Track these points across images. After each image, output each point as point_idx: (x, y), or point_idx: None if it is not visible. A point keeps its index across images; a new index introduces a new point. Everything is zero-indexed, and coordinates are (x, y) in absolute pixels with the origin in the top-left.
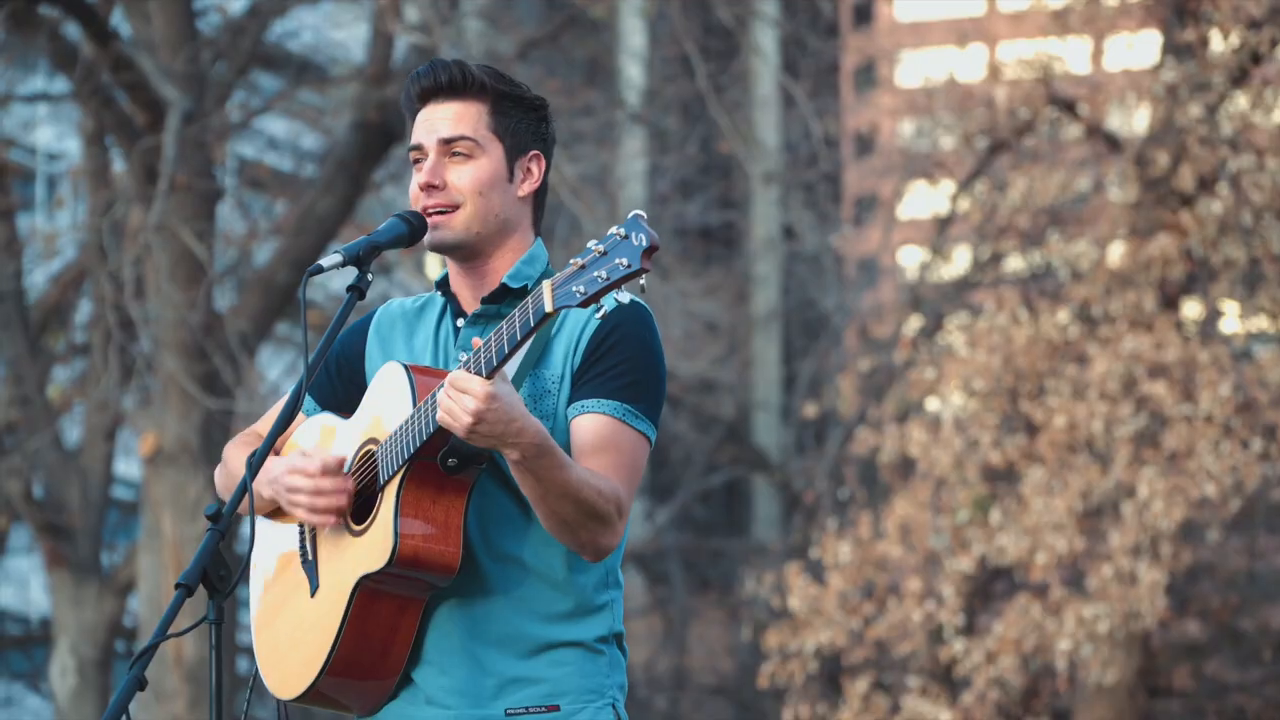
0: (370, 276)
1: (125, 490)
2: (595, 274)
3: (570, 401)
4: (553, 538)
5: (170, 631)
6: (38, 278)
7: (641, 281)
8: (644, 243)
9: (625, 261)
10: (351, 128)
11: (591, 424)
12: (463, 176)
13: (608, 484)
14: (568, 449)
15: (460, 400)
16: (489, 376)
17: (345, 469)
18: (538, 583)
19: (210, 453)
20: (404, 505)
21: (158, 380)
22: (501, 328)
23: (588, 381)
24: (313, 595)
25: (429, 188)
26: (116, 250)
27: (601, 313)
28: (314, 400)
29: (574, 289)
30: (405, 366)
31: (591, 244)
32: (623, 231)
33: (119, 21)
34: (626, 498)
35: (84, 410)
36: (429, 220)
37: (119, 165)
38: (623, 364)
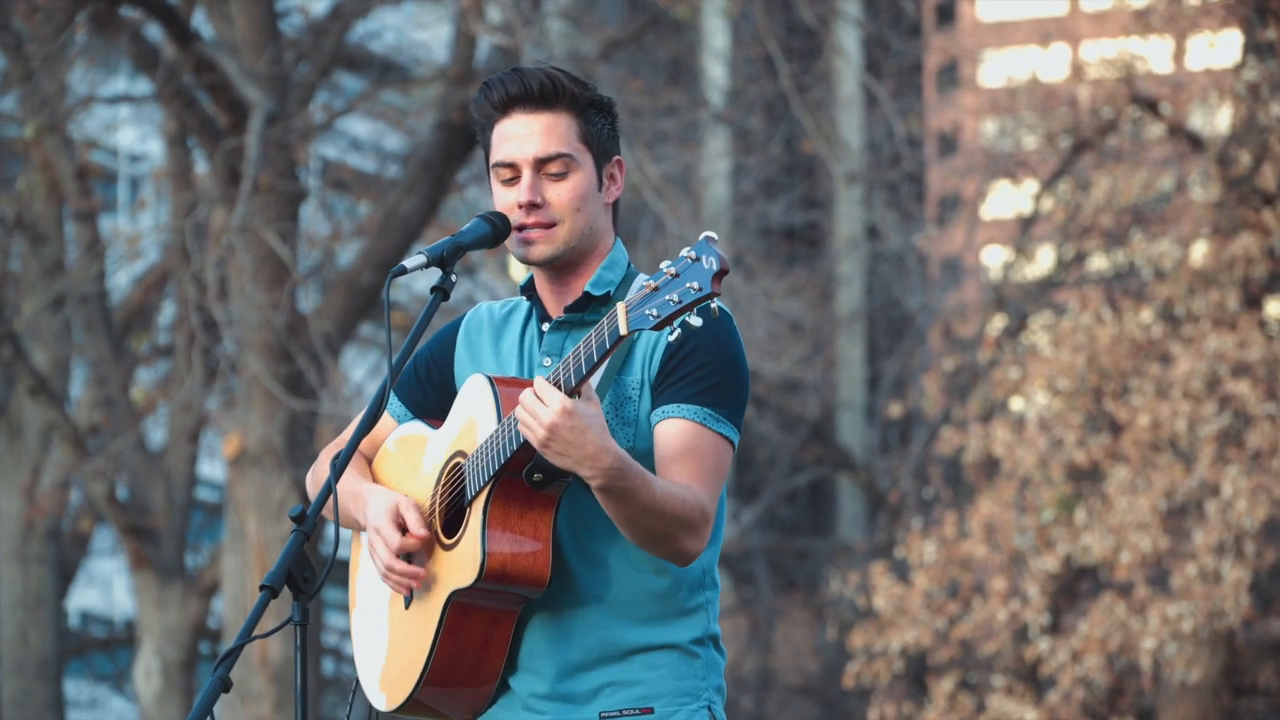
0: (454, 277)
1: (209, 492)
2: (667, 297)
3: (653, 408)
4: None
5: (255, 633)
6: (121, 280)
7: (714, 304)
8: (714, 266)
9: (696, 285)
10: (434, 128)
11: (674, 429)
12: (562, 194)
13: (691, 493)
14: (652, 453)
15: (538, 411)
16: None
17: (432, 484)
18: (630, 585)
19: (294, 454)
20: (491, 520)
21: (242, 382)
22: (579, 349)
23: (669, 387)
24: (406, 607)
25: (530, 206)
26: (200, 252)
27: (674, 335)
28: (404, 405)
29: (647, 312)
30: (490, 379)
31: (664, 265)
32: (694, 254)
33: (201, 23)
34: (710, 503)
35: (168, 412)
36: (523, 236)
37: (202, 166)
38: (702, 368)
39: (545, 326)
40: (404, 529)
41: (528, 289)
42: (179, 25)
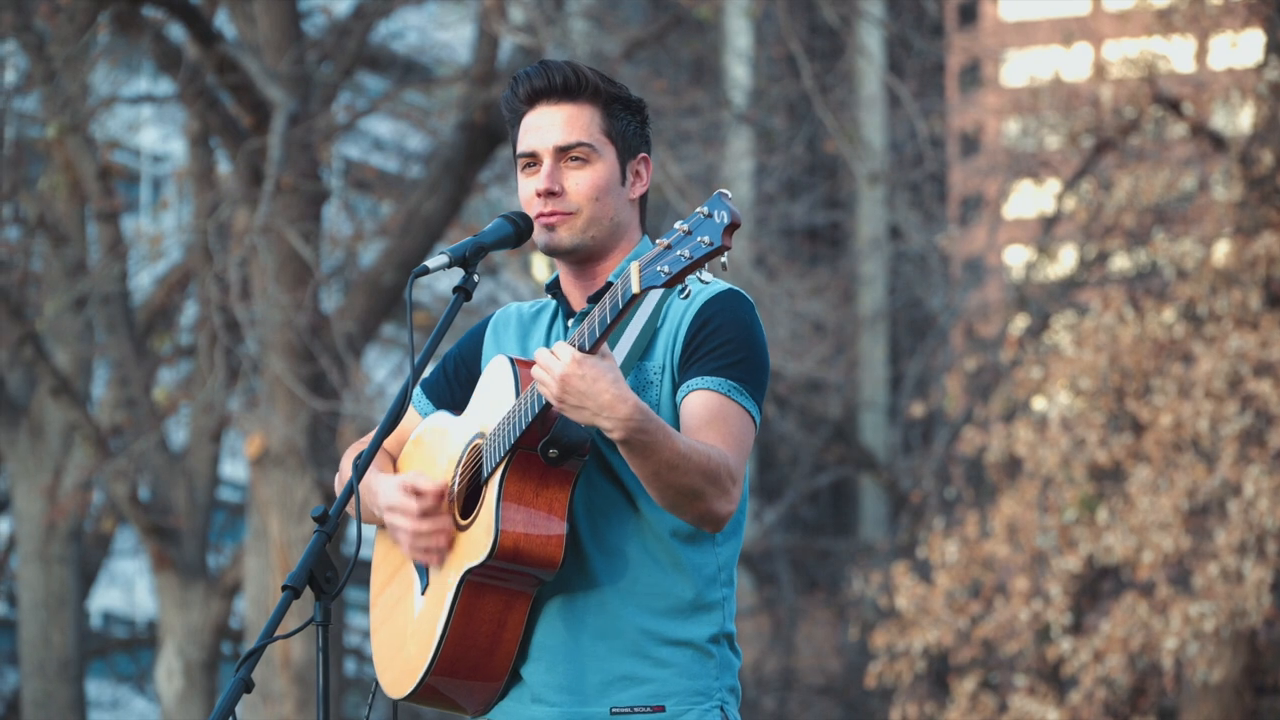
0: (476, 277)
1: (231, 492)
2: (679, 253)
3: (677, 387)
4: (662, 530)
5: (277, 633)
6: (143, 280)
7: (723, 259)
8: (725, 220)
9: (707, 239)
10: (457, 128)
11: (699, 399)
12: (580, 182)
13: (717, 451)
14: None
15: (550, 365)
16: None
17: (455, 464)
18: (646, 576)
19: (317, 455)
20: (506, 496)
21: (264, 382)
22: (593, 311)
23: (693, 363)
24: (422, 593)
25: (548, 194)
26: (222, 252)
27: (685, 293)
28: (431, 403)
29: (659, 269)
30: (510, 359)
31: (677, 224)
32: (706, 210)
33: (223, 23)
34: (737, 466)
35: (190, 412)
36: (544, 224)
37: (224, 167)
38: (726, 344)
39: (570, 322)
40: (418, 495)
41: (553, 287)
42: (201, 25)
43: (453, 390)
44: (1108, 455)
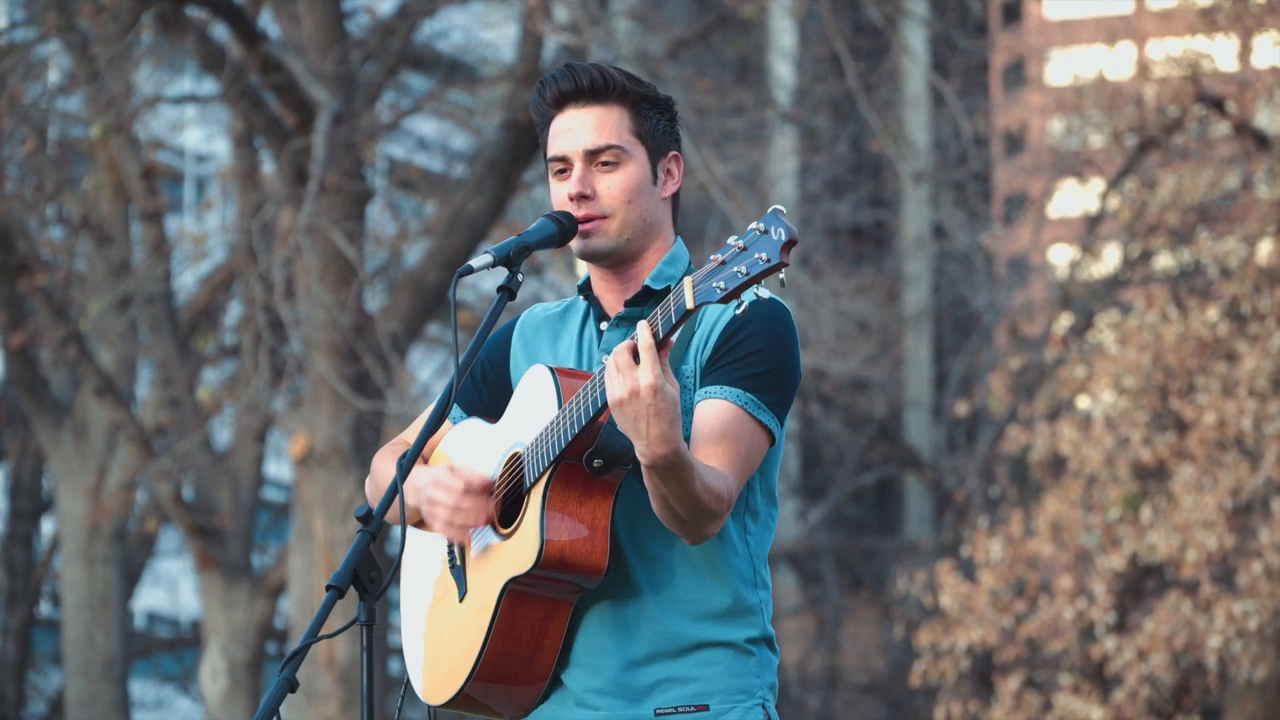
0: (521, 277)
1: (276, 492)
2: (735, 269)
3: (698, 389)
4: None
5: (321, 633)
6: (187, 280)
7: (781, 276)
8: (782, 237)
9: (764, 256)
10: (501, 128)
11: (714, 410)
12: (613, 185)
13: (724, 484)
14: None
15: (627, 370)
16: None
17: (493, 474)
18: (686, 583)
19: (361, 454)
20: (550, 506)
21: (308, 382)
22: (645, 322)
23: (716, 370)
24: (461, 600)
25: (580, 198)
26: (266, 252)
27: (742, 308)
28: (461, 409)
29: (714, 285)
30: (550, 369)
31: (732, 240)
32: (762, 226)
33: (267, 23)
34: (737, 490)
35: (234, 412)
36: (580, 229)
37: (268, 166)
38: (752, 355)
39: (604, 325)
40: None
41: (584, 289)
42: (245, 25)
43: (481, 394)
44: (1151, 454)
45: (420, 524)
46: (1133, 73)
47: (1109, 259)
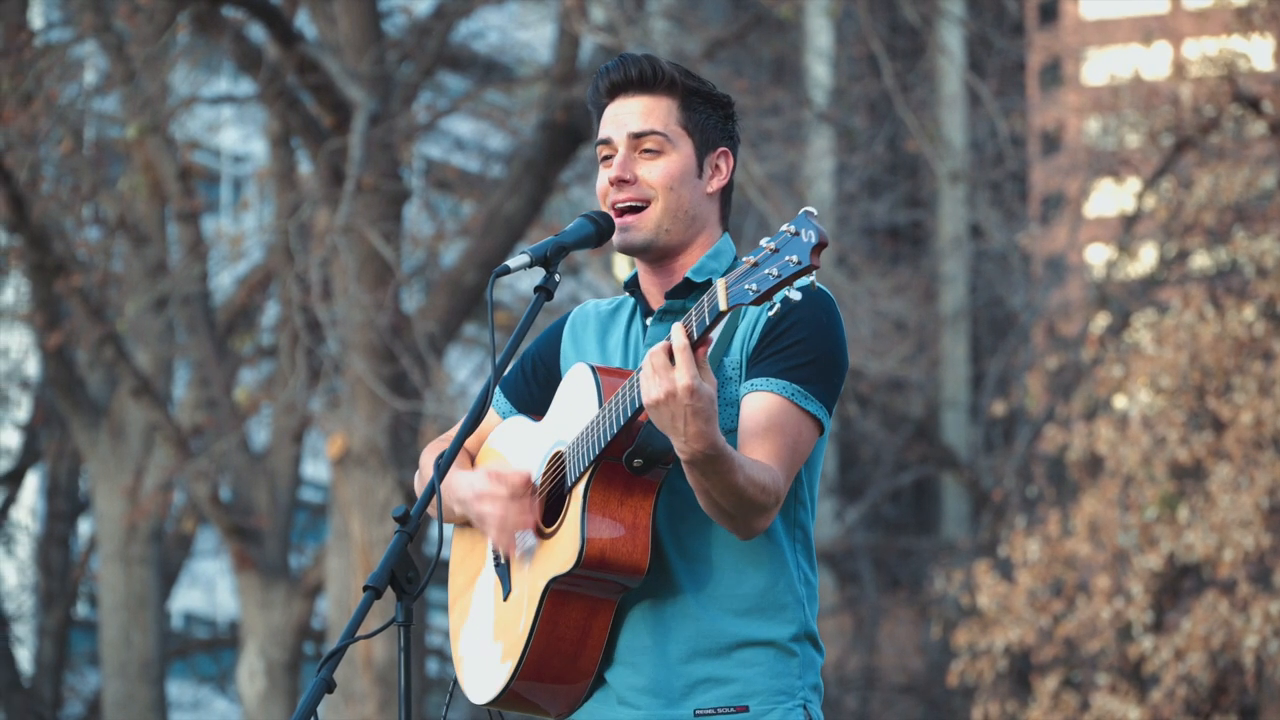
0: (558, 277)
1: (313, 492)
2: (767, 271)
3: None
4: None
5: (359, 634)
6: (224, 280)
7: (812, 278)
8: (813, 239)
9: (795, 259)
10: (538, 128)
11: (761, 403)
12: (653, 171)
13: (771, 476)
14: None
15: (663, 371)
16: None
17: (536, 474)
18: (728, 579)
19: (398, 455)
20: (591, 506)
21: (345, 382)
22: (679, 323)
23: (762, 361)
24: (505, 599)
25: (620, 182)
26: (303, 252)
27: (774, 310)
28: (510, 402)
29: (746, 286)
30: (591, 367)
31: (764, 241)
32: (793, 229)
33: (304, 23)
34: (786, 484)
35: (271, 413)
36: (618, 220)
37: (305, 167)
38: (798, 345)
39: (649, 320)
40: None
41: (631, 285)
42: (282, 25)
43: (530, 388)
44: (1188, 453)
45: (468, 521)
46: (1169, 72)
47: (1145, 258)
